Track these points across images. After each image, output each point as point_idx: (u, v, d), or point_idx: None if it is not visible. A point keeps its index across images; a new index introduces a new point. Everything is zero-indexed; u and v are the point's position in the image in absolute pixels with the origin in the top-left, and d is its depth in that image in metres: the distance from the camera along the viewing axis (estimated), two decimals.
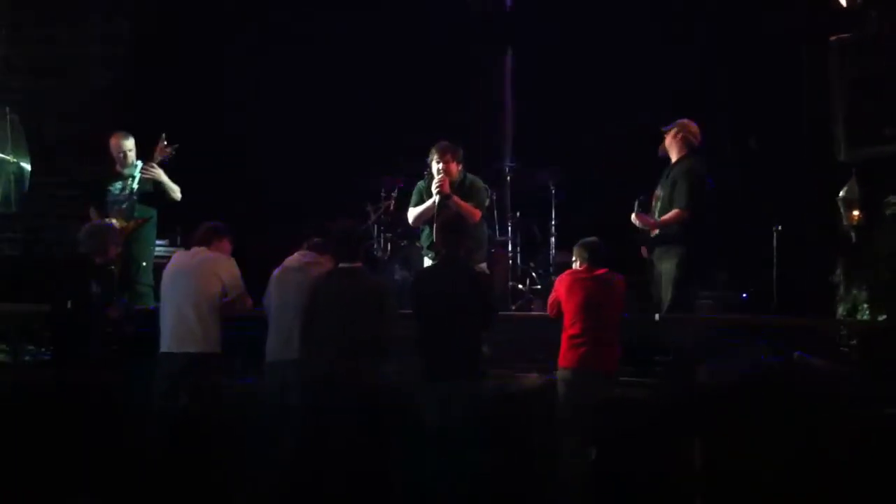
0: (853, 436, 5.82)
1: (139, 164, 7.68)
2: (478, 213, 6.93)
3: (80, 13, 9.58)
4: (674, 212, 6.81)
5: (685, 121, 7.05)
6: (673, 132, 7.01)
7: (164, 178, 7.62)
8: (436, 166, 6.96)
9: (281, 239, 6.97)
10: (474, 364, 5.78)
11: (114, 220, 7.23)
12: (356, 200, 8.80)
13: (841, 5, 7.02)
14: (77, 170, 8.97)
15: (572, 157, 8.83)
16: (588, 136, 9.30)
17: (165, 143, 7.59)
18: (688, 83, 9.02)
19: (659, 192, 6.94)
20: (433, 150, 6.99)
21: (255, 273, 6.35)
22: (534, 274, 8.63)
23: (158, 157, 7.58)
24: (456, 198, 6.87)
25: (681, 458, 6.05)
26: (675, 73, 9.07)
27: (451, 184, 6.92)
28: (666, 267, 6.86)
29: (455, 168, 6.95)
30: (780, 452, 5.81)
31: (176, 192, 7.69)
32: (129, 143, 7.74)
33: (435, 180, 6.92)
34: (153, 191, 7.63)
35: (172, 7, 9.58)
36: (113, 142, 7.75)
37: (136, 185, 7.59)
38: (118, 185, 7.66)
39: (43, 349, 6.79)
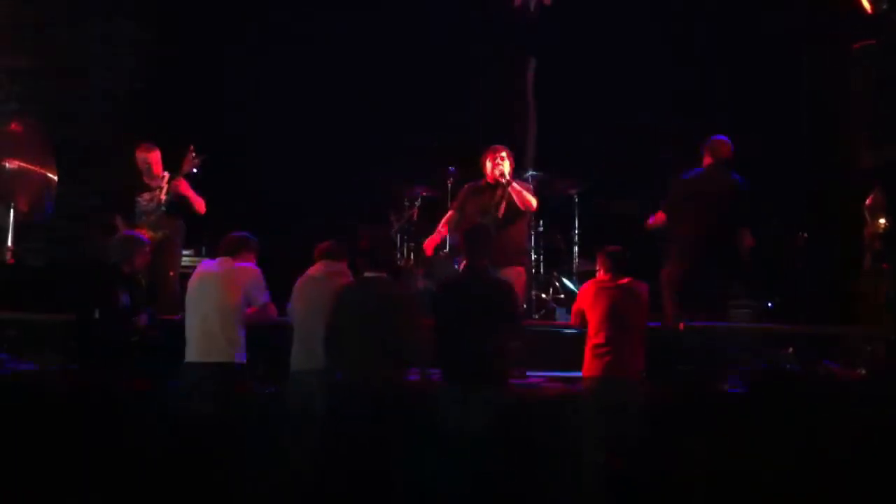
0: (877, 443, 5.78)
1: (167, 174, 7.73)
2: (534, 202, 7.11)
3: (84, 16, 9.61)
4: None
5: (714, 138, 7.40)
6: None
7: (190, 192, 7.67)
8: (490, 163, 7.11)
9: (296, 244, 7.02)
10: (499, 372, 5.79)
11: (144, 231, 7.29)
12: (375, 205, 8.85)
13: (865, 9, 6.98)
14: (83, 172, 9.01)
15: (595, 165, 8.84)
16: (609, 144, 9.31)
17: (193, 154, 7.62)
18: (699, 85, 9.04)
19: None
20: (487, 151, 7.16)
21: (274, 279, 6.38)
22: (557, 283, 8.62)
23: (187, 169, 7.61)
24: (516, 185, 7.03)
25: (701, 463, 6.03)
26: (686, 77, 9.08)
27: None
28: None
29: (509, 166, 7.10)
30: (803, 459, 5.78)
31: (201, 205, 7.74)
32: (154, 156, 7.77)
33: (496, 169, 7.05)
34: (180, 202, 7.68)
35: (178, 9, 9.62)
36: (138, 154, 7.79)
37: (164, 197, 7.64)
38: (146, 196, 7.72)
39: (69, 358, 6.83)
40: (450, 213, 7.45)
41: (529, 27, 9.58)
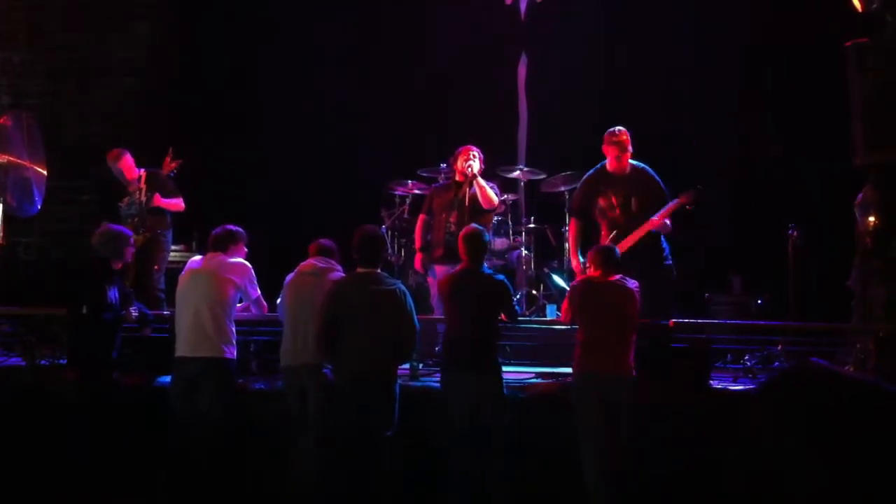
0: (867, 442, 5.78)
1: (143, 173, 7.72)
2: (496, 201, 7.28)
3: (100, 18, 9.65)
4: None
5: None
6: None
7: (163, 203, 7.70)
8: (462, 159, 7.28)
9: (286, 239, 7.02)
10: (494, 361, 5.96)
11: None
12: (367, 204, 8.85)
13: (856, 9, 6.98)
14: (96, 174, 9.02)
15: (585, 161, 8.84)
16: (600, 140, 9.33)
17: (170, 158, 7.63)
18: (691, 83, 9.06)
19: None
20: (461, 149, 7.33)
21: (264, 274, 6.38)
22: (547, 280, 8.61)
23: (165, 171, 7.62)
24: (479, 181, 7.19)
25: (697, 461, 6.04)
26: (685, 75, 9.09)
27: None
28: None
29: (478, 165, 7.27)
30: (794, 458, 5.78)
31: (178, 207, 7.76)
32: (124, 162, 7.79)
33: (464, 165, 7.24)
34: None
35: (192, 12, 9.64)
36: (109, 162, 7.82)
37: (143, 198, 7.63)
38: (125, 200, 7.72)
39: (58, 353, 6.82)
40: (420, 217, 7.57)
41: (521, 25, 9.60)
